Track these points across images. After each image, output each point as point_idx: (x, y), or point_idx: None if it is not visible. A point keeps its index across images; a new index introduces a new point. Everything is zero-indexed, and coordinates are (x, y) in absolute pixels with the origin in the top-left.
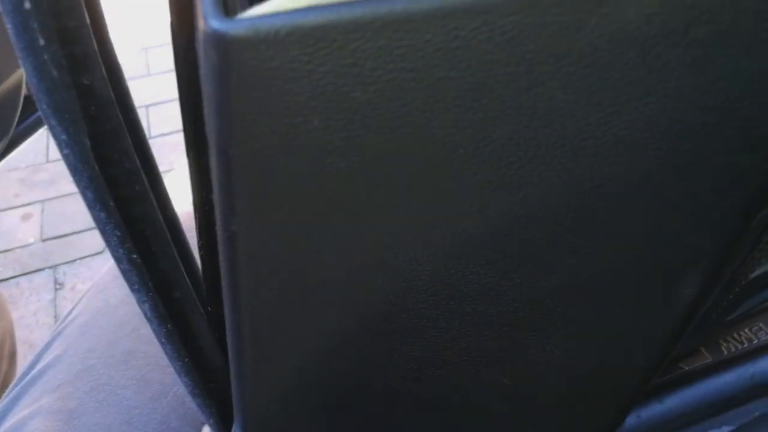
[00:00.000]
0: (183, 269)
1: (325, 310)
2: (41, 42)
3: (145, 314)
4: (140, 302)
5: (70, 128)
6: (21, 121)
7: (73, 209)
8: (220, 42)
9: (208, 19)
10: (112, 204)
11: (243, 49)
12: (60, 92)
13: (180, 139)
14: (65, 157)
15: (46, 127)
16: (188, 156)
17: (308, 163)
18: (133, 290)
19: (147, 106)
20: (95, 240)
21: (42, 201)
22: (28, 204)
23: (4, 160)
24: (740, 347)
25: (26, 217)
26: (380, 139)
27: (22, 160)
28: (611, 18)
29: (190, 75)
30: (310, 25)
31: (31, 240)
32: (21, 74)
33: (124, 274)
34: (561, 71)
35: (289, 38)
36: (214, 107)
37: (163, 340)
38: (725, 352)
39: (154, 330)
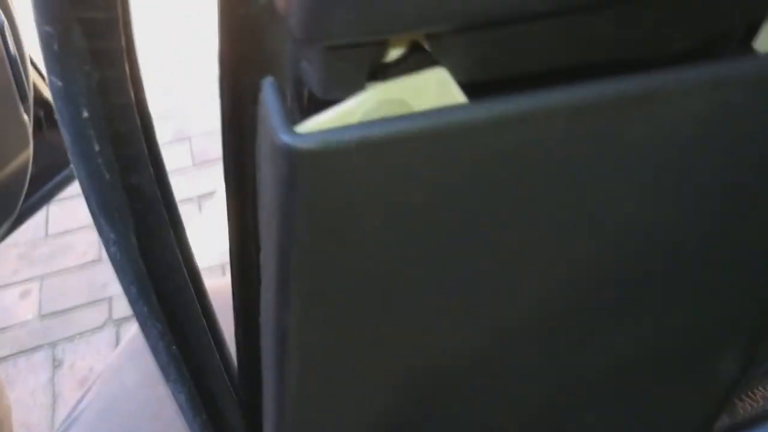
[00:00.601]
0: (218, 357)
1: (370, 397)
2: (96, 148)
3: (180, 406)
4: (176, 393)
5: (119, 227)
6: (26, 198)
7: (71, 284)
8: (291, 156)
9: (278, 133)
10: (154, 298)
11: (312, 162)
12: (110, 193)
13: (182, 210)
14: (111, 255)
15: (47, 203)
16: (230, 238)
17: (365, 260)
18: (169, 381)
19: None
20: (94, 315)
21: (41, 277)
22: (27, 280)
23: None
24: (756, 406)
25: (25, 294)
26: (434, 235)
27: (21, 235)
28: (655, 118)
29: (237, 144)
30: (376, 137)
31: (30, 317)
32: (28, 154)
33: (162, 367)
34: (610, 165)
35: (357, 151)
36: (278, 213)
37: (196, 430)
38: (741, 411)
39: (187, 421)
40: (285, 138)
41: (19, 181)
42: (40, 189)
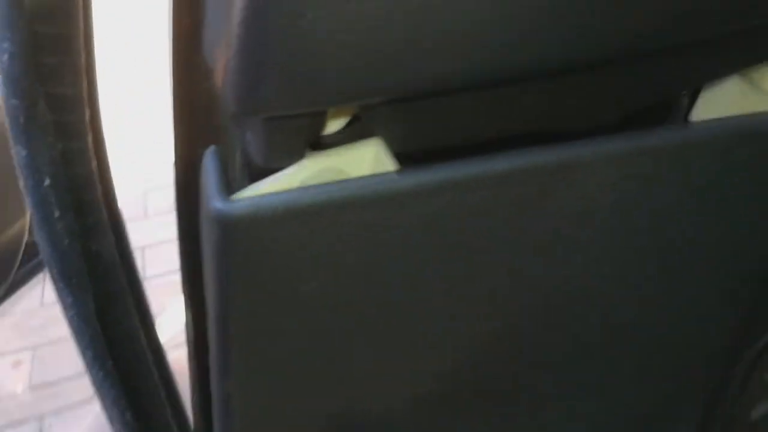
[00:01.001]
0: (175, 426)
1: None
2: (57, 214)
3: None
4: None
5: (76, 292)
6: (20, 266)
7: (63, 355)
8: (223, 221)
9: (211, 201)
10: (110, 363)
11: (244, 227)
12: (70, 260)
13: (173, 280)
14: (69, 319)
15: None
16: (186, 308)
17: (303, 324)
18: None
19: (143, 248)
20: (84, 387)
21: (33, 348)
22: (20, 350)
23: None
24: None
25: (16, 365)
26: (368, 294)
27: (16, 305)
28: (573, 190)
29: (190, 214)
30: (305, 203)
31: (19, 389)
32: (24, 222)
33: None
34: (529, 235)
35: (287, 216)
36: (216, 277)
37: None
38: None
39: None
40: (218, 205)
41: (14, 250)
42: (35, 257)
